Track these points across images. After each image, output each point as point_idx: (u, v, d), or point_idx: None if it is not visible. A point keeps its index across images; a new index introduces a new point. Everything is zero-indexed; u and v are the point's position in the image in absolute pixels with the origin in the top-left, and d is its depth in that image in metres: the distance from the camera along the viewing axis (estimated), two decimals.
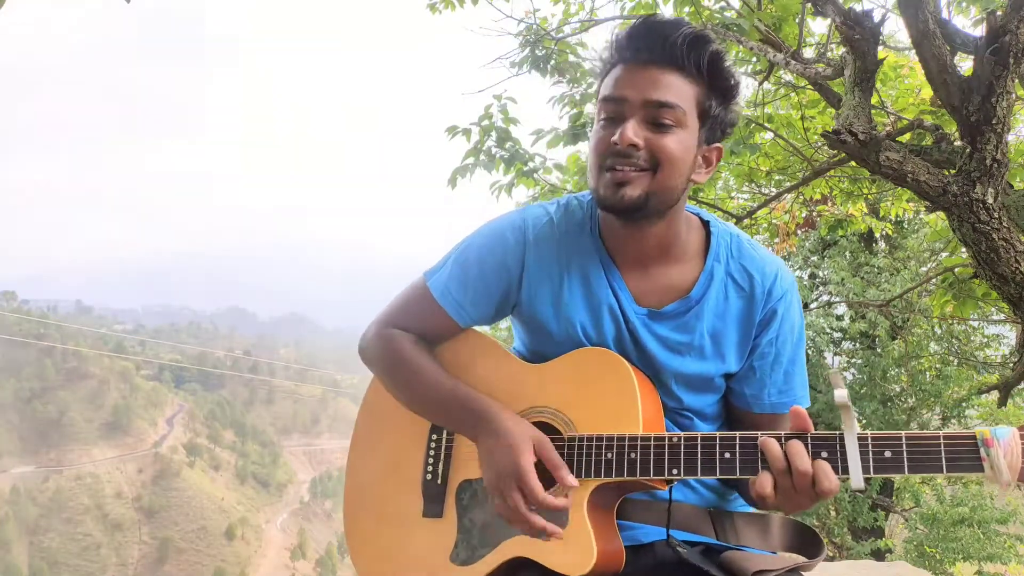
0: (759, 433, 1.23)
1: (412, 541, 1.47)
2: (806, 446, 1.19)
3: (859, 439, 1.16)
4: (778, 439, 1.21)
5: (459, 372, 1.49)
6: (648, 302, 1.43)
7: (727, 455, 1.24)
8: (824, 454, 1.18)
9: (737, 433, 1.25)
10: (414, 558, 1.45)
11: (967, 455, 1.11)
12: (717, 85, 1.34)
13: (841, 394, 1.15)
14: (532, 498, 1.26)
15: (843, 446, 1.17)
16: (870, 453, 1.15)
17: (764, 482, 1.19)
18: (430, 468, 1.48)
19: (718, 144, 1.40)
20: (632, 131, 1.29)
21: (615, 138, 1.30)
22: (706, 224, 1.48)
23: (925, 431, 1.15)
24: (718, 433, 1.26)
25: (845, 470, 1.16)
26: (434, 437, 1.50)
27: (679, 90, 1.31)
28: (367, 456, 1.59)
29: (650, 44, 1.30)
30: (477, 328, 1.55)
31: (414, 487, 1.48)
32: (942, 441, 1.13)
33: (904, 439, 1.14)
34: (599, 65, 1.39)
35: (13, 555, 65.67)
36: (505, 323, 1.64)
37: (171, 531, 74.02)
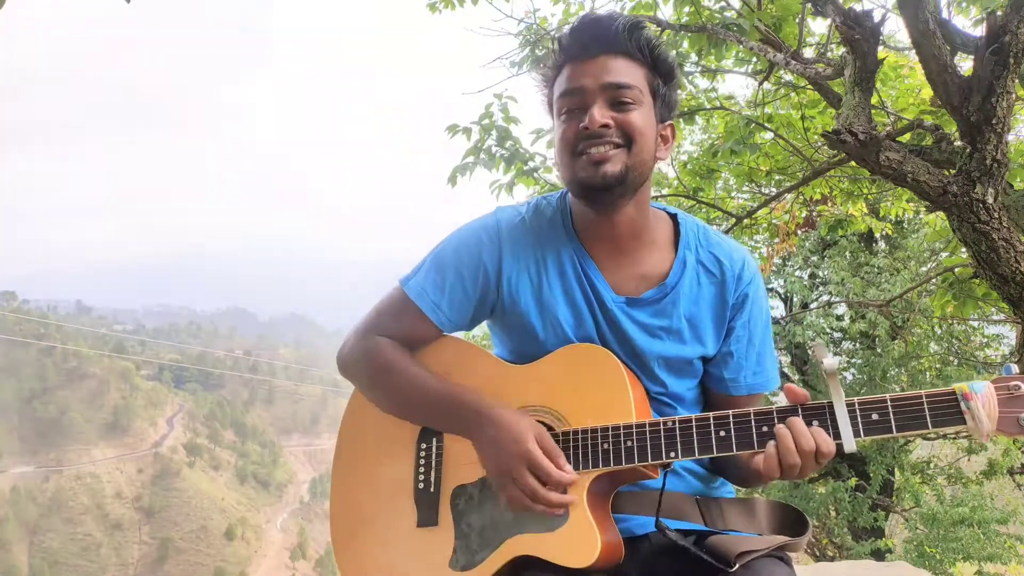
0: (750, 410, 1.28)
1: (408, 553, 1.45)
2: (800, 417, 1.25)
3: (847, 405, 1.22)
4: (772, 415, 1.26)
5: (444, 377, 1.49)
6: (625, 290, 1.47)
7: (722, 433, 1.29)
8: (815, 423, 1.24)
9: (729, 412, 1.30)
10: (411, 570, 1.43)
11: (949, 410, 1.17)
12: (659, 66, 1.42)
13: (831, 362, 1.22)
14: (547, 478, 1.30)
15: (833, 413, 1.23)
16: (859, 417, 1.21)
17: (771, 464, 1.24)
18: (421, 477, 1.47)
19: (670, 122, 1.48)
20: (600, 113, 1.36)
21: (584, 123, 1.37)
22: (673, 216, 1.54)
23: (908, 392, 1.21)
24: (711, 413, 1.31)
25: (837, 435, 1.22)
26: (423, 446, 1.49)
27: (631, 72, 1.39)
28: (353, 473, 1.56)
29: (595, 37, 1.40)
30: (459, 335, 1.57)
31: (406, 498, 1.47)
32: (925, 400, 1.18)
33: (889, 401, 1.20)
34: (546, 73, 1.49)
35: (13, 555, 65.64)
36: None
37: (171, 531, 73.96)
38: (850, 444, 1.21)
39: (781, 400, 1.30)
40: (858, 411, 1.21)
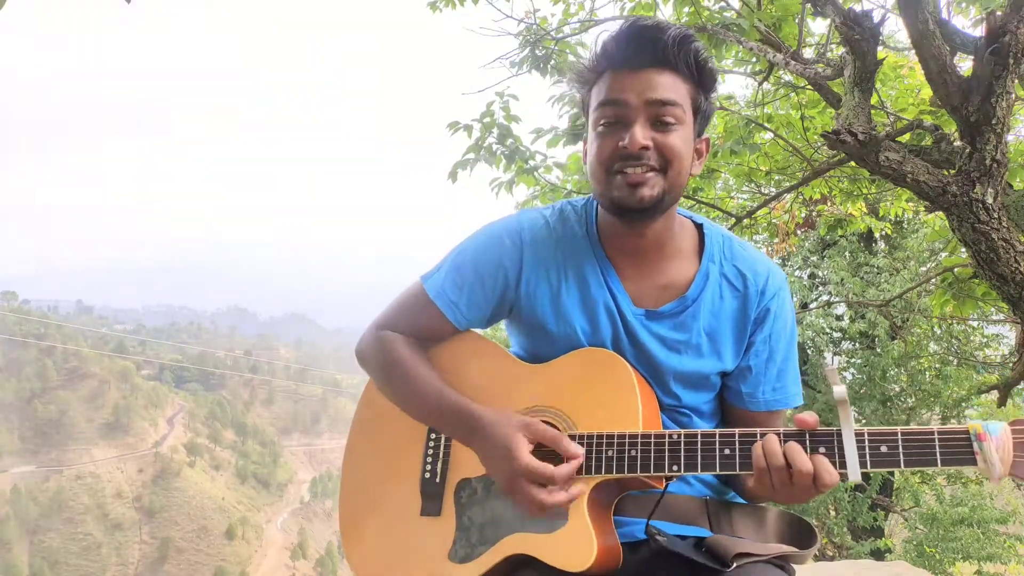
0: (759, 430, 1.25)
1: (410, 540, 1.47)
2: (804, 444, 1.21)
3: (856, 435, 1.19)
4: (778, 436, 1.23)
5: (457, 372, 1.50)
6: (645, 303, 1.45)
7: (727, 451, 1.26)
8: (822, 450, 1.20)
9: (736, 430, 1.27)
10: (412, 556, 1.46)
11: (961, 449, 1.14)
12: (704, 81, 1.37)
13: (840, 391, 1.18)
14: (549, 482, 1.28)
15: (840, 442, 1.20)
16: (867, 448, 1.19)
17: (759, 478, 1.22)
18: (428, 466, 1.48)
19: (706, 137, 1.44)
20: (641, 134, 1.31)
21: (624, 142, 1.32)
22: (699, 226, 1.51)
23: (920, 427, 1.18)
24: (717, 430, 1.28)
25: (843, 465, 1.19)
26: (432, 436, 1.51)
27: (677, 88, 1.34)
28: (364, 456, 1.59)
29: (642, 47, 1.33)
30: (476, 330, 1.56)
31: (412, 486, 1.49)
32: (936, 436, 1.15)
33: (900, 435, 1.17)
34: (584, 74, 1.40)
35: (14, 555, 65.64)
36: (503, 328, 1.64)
37: (171, 531, 73.94)
38: (855, 475, 1.18)
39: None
40: (867, 442, 1.19)
